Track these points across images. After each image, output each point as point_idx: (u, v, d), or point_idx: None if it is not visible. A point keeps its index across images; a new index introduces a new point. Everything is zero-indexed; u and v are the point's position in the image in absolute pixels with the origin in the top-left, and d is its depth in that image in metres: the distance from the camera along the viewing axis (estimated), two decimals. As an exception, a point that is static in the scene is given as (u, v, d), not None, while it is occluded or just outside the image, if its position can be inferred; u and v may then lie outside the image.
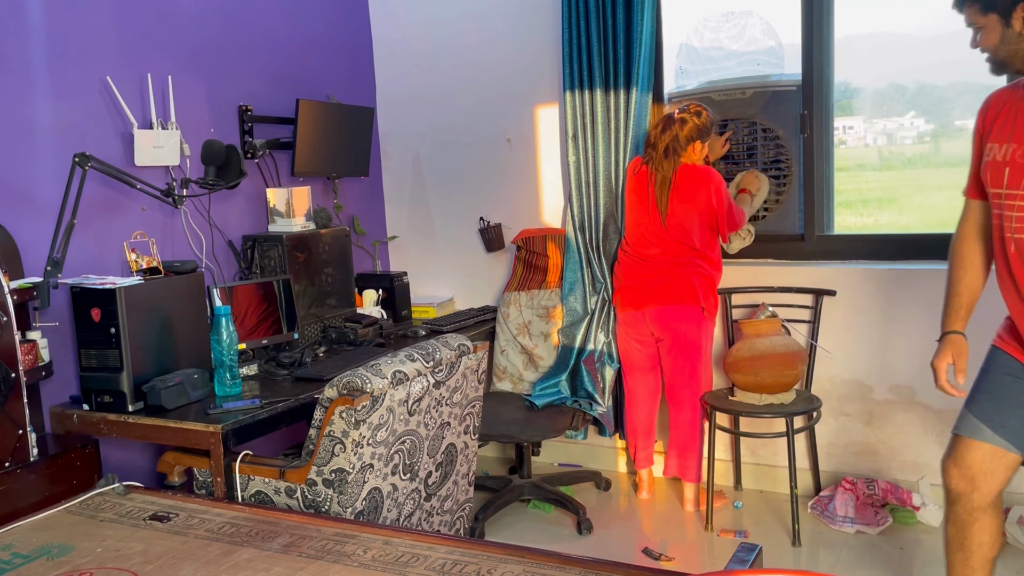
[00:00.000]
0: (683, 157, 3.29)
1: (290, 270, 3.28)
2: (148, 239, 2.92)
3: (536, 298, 3.80)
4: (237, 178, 2.96)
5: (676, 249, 3.31)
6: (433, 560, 1.70)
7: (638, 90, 3.45)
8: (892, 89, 3.53)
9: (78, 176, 2.52)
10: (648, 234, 3.36)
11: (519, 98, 3.88)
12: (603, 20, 3.49)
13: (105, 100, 2.87)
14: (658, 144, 3.30)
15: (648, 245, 3.36)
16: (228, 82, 3.34)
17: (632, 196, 3.42)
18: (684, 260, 3.30)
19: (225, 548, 1.81)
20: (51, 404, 2.66)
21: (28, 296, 2.41)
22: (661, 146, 3.29)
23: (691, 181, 3.27)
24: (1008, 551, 2.95)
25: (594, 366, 3.54)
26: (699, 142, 3.29)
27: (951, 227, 2.41)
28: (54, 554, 1.82)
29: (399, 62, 4.13)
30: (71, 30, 2.76)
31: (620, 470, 3.89)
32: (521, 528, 3.38)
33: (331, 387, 2.28)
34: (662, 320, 3.34)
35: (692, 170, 3.29)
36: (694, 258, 3.30)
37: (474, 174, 4.04)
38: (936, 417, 3.24)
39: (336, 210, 3.88)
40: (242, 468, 2.42)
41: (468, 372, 2.68)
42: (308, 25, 3.76)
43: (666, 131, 3.29)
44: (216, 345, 2.68)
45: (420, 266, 4.22)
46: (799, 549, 3.07)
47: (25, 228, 2.59)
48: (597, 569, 1.61)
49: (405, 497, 2.49)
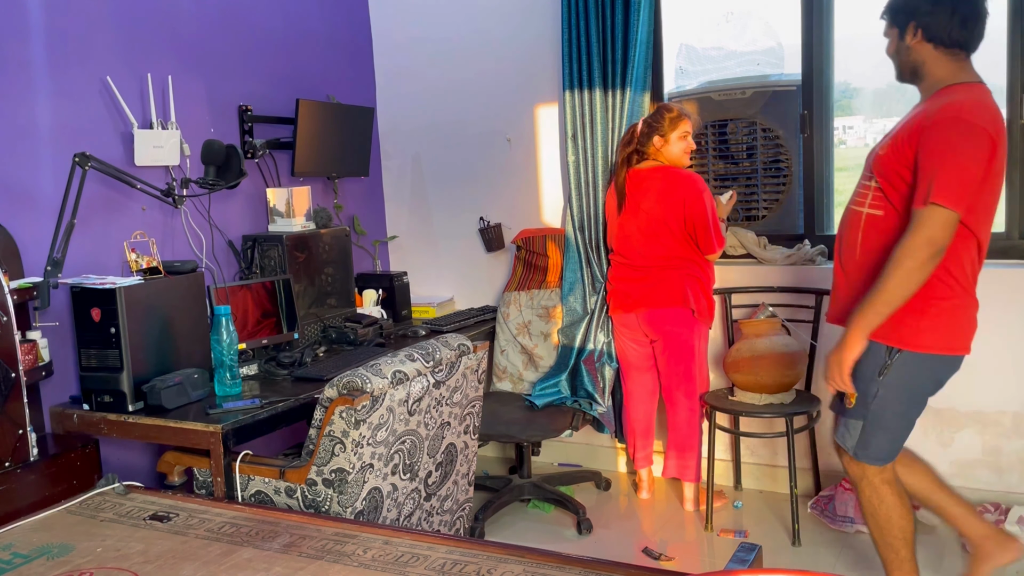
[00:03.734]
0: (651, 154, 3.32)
1: (290, 270, 3.28)
2: (148, 239, 2.92)
3: (536, 298, 3.80)
4: (237, 178, 2.96)
5: (659, 252, 3.31)
6: (433, 560, 1.70)
7: (633, 90, 3.46)
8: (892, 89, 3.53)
9: (78, 176, 2.52)
10: (630, 238, 3.37)
11: (519, 98, 3.88)
12: (602, 20, 3.50)
13: (105, 100, 2.87)
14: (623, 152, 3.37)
15: (633, 250, 3.37)
16: (228, 82, 3.34)
17: (610, 203, 3.45)
18: (673, 263, 3.30)
19: (225, 548, 1.81)
20: (51, 404, 2.66)
21: (28, 296, 2.41)
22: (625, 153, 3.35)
23: (661, 182, 3.28)
24: (1008, 551, 2.96)
25: (594, 366, 3.54)
26: (657, 136, 3.29)
27: (951, 227, 2.42)
28: (54, 554, 1.82)
29: (399, 62, 4.13)
30: (71, 30, 2.76)
31: (620, 470, 3.89)
32: (521, 528, 3.38)
33: (331, 387, 2.28)
34: (653, 322, 3.35)
35: (664, 172, 3.29)
36: (684, 260, 3.30)
37: (474, 174, 4.04)
38: (936, 417, 3.24)
39: (336, 210, 3.88)
40: (242, 468, 2.42)
41: (468, 372, 2.68)
42: (308, 25, 3.77)
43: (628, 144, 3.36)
44: (216, 345, 2.68)
45: (420, 266, 4.22)
46: (799, 549, 3.07)
47: (25, 228, 2.60)
48: (597, 569, 1.61)
49: (405, 497, 2.49)
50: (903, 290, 2.15)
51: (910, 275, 2.13)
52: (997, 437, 3.16)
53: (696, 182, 3.24)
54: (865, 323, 2.21)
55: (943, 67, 2.24)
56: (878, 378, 2.28)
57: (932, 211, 2.10)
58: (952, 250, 2.18)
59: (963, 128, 2.10)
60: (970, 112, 2.12)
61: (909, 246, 2.12)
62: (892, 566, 2.43)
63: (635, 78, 3.45)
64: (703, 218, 3.20)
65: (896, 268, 2.14)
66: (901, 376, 2.27)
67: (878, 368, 2.27)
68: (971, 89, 2.20)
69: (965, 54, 2.25)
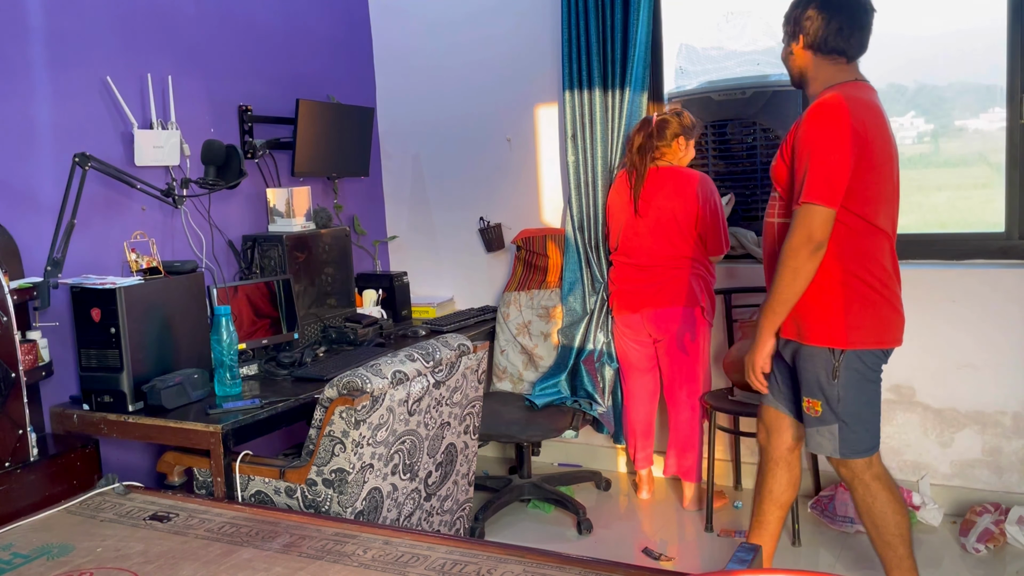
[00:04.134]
0: (668, 155, 3.31)
1: (290, 270, 3.28)
2: (148, 239, 2.92)
3: (536, 298, 3.80)
4: (237, 178, 2.96)
5: (667, 251, 3.31)
6: (433, 560, 1.70)
7: (631, 90, 3.46)
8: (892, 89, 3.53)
9: (78, 176, 2.52)
10: (637, 237, 3.36)
11: (519, 98, 3.88)
12: (602, 20, 3.50)
13: (105, 100, 2.87)
14: (634, 141, 3.32)
15: (640, 249, 3.37)
16: (228, 82, 3.34)
17: (617, 201, 3.43)
18: (679, 262, 3.30)
19: (225, 548, 1.81)
20: (51, 404, 2.66)
21: (28, 296, 2.41)
22: (636, 144, 3.32)
23: (676, 181, 3.29)
24: (1008, 551, 2.95)
25: (593, 366, 3.54)
26: (683, 138, 3.31)
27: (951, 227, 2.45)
28: (54, 554, 1.82)
29: (399, 62, 4.13)
30: (71, 30, 2.76)
31: (620, 470, 3.89)
32: (521, 528, 3.38)
33: (331, 387, 2.28)
34: (660, 322, 3.34)
35: (678, 172, 3.30)
36: (689, 259, 3.30)
37: (474, 174, 4.04)
38: (936, 417, 3.24)
39: (336, 210, 3.88)
40: (242, 468, 2.42)
41: (468, 372, 2.68)
42: (308, 25, 3.76)
43: (641, 130, 3.32)
44: (216, 345, 2.68)
45: (420, 266, 4.22)
46: (799, 549, 3.07)
47: (25, 228, 2.59)
48: (597, 569, 1.61)
49: (405, 497, 2.49)
50: (793, 288, 2.29)
51: (796, 273, 2.26)
52: (997, 437, 3.16)
53: (709, 182, 3.29)
54: (768, 324, 2.38)
55: (824, 72, 2.39)
56: (833, 380, 2.36)
57: (806, 209, 2.23)
58: (865, 250, 2.31)
59: (824, 123, 2.24)
60: (831, 107, 2.24)
61: (790, 246, 2.26)
62: (891, 565, 2.46)
63: (634, 78, 3.45)
64: (716, 218, 3.25)
65: (783, 269, 2.28)
66: (852, 373, 2.35)
67: (830, 371, 2.36)
68: (843, 87, 2.32)
69: (846, 60, 2.38)
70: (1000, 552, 2.96)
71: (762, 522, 2.61)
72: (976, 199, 3.54)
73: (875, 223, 2.30)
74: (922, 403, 3.27)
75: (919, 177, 3.62)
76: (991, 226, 3.22)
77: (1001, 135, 3.14)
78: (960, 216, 3.57)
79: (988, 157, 3.37)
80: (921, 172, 3.61)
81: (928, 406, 3.26)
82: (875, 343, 2.35)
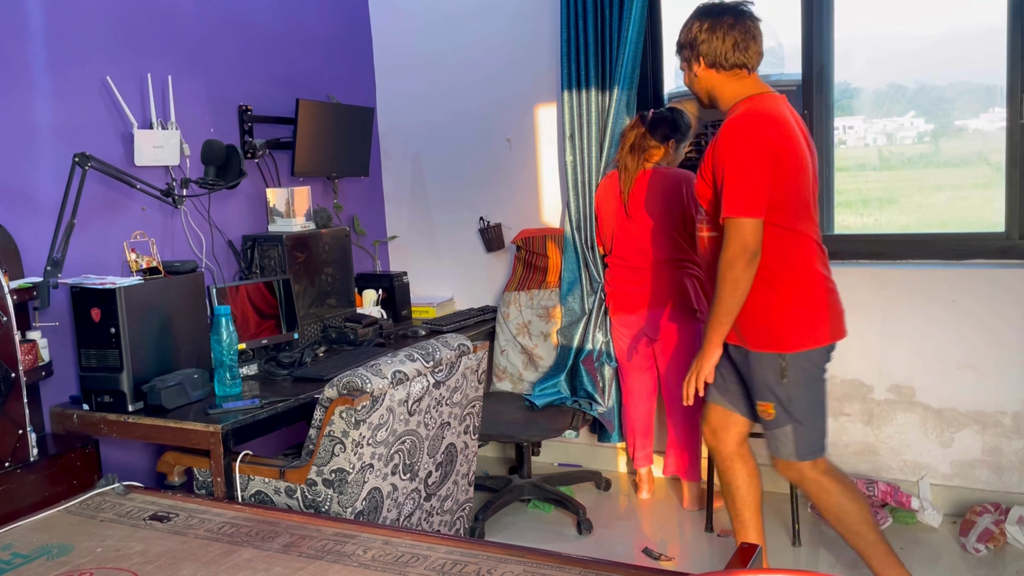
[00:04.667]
0: (656, 156, 3.31)
1: (290, 270, 3.28)
2: (148, 239, 2.92)
3: (536, 298, 3.80)
4: (237, 178, 2.96)
5: (660, 253, 3.31)
6: (433, 560, 1.70)
7: (619, 89, 3.45)
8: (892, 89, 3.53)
9: (78, 176, 2.52)
10: (630, 239, 3.36)
11: (519, 98, 3.88)
12: (600, 20, 3.50)
13: (105, 100, 2.87)
14: (627, 139, 3.32)
15: (633, 251, 3.37)
16: (228, 82, 3.34)
17: (606, 205, 3.43)
18: (673, 263, 3.30)
19: (225, 548, 1.81)
20: (51, 404, 2.66)
21: (28, 296, 2.41)
22: (629, 141, 3.32)
23: (664, 182, 3.29)
24: (1008, 551, 2.95)
25: (593, 366, 3.54)
26: (674, 141, 3.30)
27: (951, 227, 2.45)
28: (54, 554, 1.82)
29: (399, 62, 4.13)
30: (71, 30, 2.76)
31: (620, 470, 3.89)
32: (521, 528, 3.38)
33: (331, 387, 2.28)
34: (656, 323, 3.35)
35: (666, 173, 3.31)
36: (683, 260, 3.30)
37: (474, 174, 4.04)
38: (936, 417, 3.24)
39: (336, 210, 3.88)
40: (242, 468, 2.42)
41: (468, 372, 2.68)
42: (308, 25, 3.76)
43: (635, 128, 3.32)
44: (216, 345, 2.68)
45: (420, 266, 4.22)
46: (799, 549, 3.07)
47: (25, 228, 2.59)
48: (597, 569, 1.61)
49: (405, 497, 2.49)
50: (734, 298, 2.35)
51: (736, 284, 2.34)
52: (997, 437, 3.16)
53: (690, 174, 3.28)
54: (715, 335, 2.43)
55: (730, 88, 2.46)
56: (783, 382, 2.42)
57: (734, 223, 2.31)
58: (793, 255, 2.40)
59: (738, 139, 2.32)
60: (743, 123, 2.33)
61: (726, 259, 2.34)
62: (867, 554, 2.51)
63: (622, 77, 3.44)
64: None
65: (723, 281, 2.36)
66: (798, 374, 2.43)
67: (778, 374, 2.42)
68: (752, 100, 2.41)
69: (747, 71, 2.45)
70: (1000, 552, 2.96)
71: (742, 522, 2.66)
72: (976, 199, 3.54)
73: (796, 228, 2.39)
74: (922, 403, 3.26)
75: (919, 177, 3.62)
76: (991, 226, 3.22)
77: (1001, 135, 3.14)
78: (960, 216, 3.57)
79: (988, 157, 3.37)
80: (921, 172, 3.61)
81: (928, 406, 3.26)
82: (817, 341, 2.43)
